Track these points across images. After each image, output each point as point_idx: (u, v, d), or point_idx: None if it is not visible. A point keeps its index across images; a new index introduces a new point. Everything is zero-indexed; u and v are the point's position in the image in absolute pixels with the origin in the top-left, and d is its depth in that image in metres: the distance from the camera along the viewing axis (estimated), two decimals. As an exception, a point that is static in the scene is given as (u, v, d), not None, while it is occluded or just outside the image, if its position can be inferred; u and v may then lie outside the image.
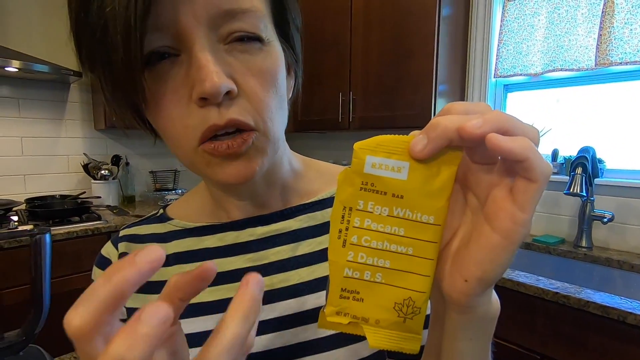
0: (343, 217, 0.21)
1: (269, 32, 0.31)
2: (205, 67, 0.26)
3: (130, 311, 0.39)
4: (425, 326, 0.25)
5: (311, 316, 0.36)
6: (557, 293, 1.03)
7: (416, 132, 0.20)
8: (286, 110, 0.34)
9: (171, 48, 0.28)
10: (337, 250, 0.22)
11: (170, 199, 2.29)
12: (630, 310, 0.92)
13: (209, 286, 0.36)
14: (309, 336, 0.35)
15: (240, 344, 0.17)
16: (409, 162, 0.21)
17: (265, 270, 0.38)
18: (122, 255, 0.42)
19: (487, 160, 0.21)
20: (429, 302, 0.23)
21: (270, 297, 0.37)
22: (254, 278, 0.19)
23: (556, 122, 1.65)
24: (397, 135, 0.21)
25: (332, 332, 0.35)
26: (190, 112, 0.28)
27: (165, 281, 0.22)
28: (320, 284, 0.37)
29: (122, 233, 0.44)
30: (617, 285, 1.31)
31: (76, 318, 0.16)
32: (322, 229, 0.39)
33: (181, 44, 0.27)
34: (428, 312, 0.24)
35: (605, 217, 1.36)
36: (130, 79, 0.27)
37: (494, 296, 0.24)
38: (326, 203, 0.41)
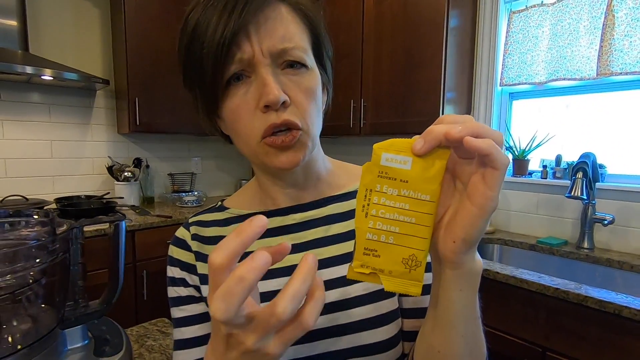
0: (365, 196, 0.29)
1: (310, 60, 0.42)
2: (269, 85, 0.38)
3: (204, 277, 0.49)
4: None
5: (339, 282, 0.45)
6: (557, 289, 1.10)
7: (417, 136, 0.30)
8: (321, 118, 0.45)
9: (245, 71, 0.39)
10: (361, 220, 0.30)
11: (187, 200, 2.39)
12: (625, 305, 0.99)
13: None
14: (339, 297, 0.45)
15: (300, 298, 0.26)
16: (412, 157, 0.29)
17: (304, 246, 0.47)
18: (194, 235, 0.51)
19: (467, 156, 0.29)
20: (428, 259, 0.31)
21: None
22: (311, 255, 0.28)
23: (560, 129, 1.73)
24: (404, 139, 0.30)
25: (358, 293, 0.44)
26: (256, 116, 0.39)
27: None
28: (346, 258, 0.46)
29: (191, 220, 0.54)
30: (618, 285, 1.37)
31: (217, 258, 0.25)
32: (348, 215, 0.49)
33: (252, 69, 0.39)
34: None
35: (606, 220, 1.43)
36: (214, 95, 0.40)
37: (478, 257, 0.32)
38: (351, 195, 0.51)
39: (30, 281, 0.48)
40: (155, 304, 1.97)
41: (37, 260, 0.46)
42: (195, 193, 2.52)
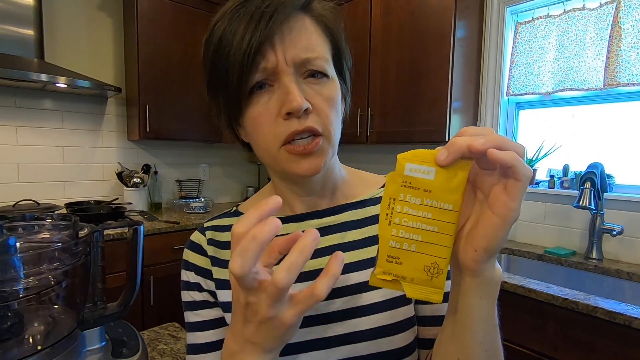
0: (389, 205, 0.30)
1: (331, 70, 0.44)
2: (292, 92, 0.39)
3: (220, 282, 0.50)
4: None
5: (355, 289, 0.46)
6: (566, 299, 1.09)
7: (440, 147, 0.31)
8: (340, 126, 0.46)
9: (268, 80, 0.41)
10: (385, 228, 0.30)
11: (195, 207, 2.41)
12: (635, 316, 0.98)
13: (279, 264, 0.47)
14: (355, 303, 0.45)
15: (296, 269, 0.28)
16: (435, 167, 0.29)
17: (320, 253, 0.48)
18: (209, 240, 0.52)
19: (489, 167, 0.30)
20: (449, 267, 0.32)
21: None
22: (312, 231, 0.30)
23: (567, 139, 1.73)
24: (427, 150, 0.31)
25: (375, 300, 0.45)
26: (278, 124, 0.40)
27: None
28: (361, 264, 0.47)
29: (206, 225, 0.54)
30: (627, 296, 1.36)
31: (238, 228, 0.29)
32: (363, 222, 0.49)
33: (275, 77, 0.40)
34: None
35: (615, 230, 1.42)
36: (238, 103, 0.41)
37: (498, 266, 0.32)
38: (366, 203, 0.51)
39: (52, 283, 0.49)
40: (162, 309, 1.98)
41: (60, 263, 0.47)
42: (203, 199, 2.54)
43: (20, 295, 0.45)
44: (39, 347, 0.49)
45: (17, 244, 0.45)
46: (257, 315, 0.30)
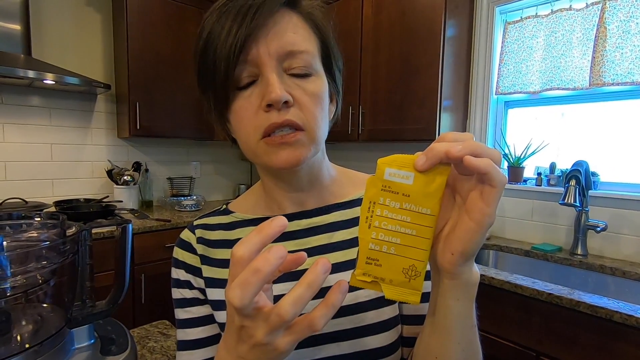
0: (369, 208, 0.31)
1: (318, 66, 0.44)
2: (272, 84, 0.39)
3: (209, 281, 0.50)
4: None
5: None
6: (550, 294, 1.12)
7: (419, 153, 0.31)
8: (327, 125, 0.46)
9: (254, 75, 0.40)
10: (365, 231, 0.31)
11: (186, 205, 2.41)
12: (616, 310, 1.01)
13: None
14: (343, 302, 0.46)
15: (303, 303, 0.27)
16: (414, 172, 0.30)
17: (308, 253, 0.48)
18: (199, 239, 0.53)
19: (467, 173, 0.30)
20: (427, 269, 0.33)
21: None
22: (323, 261, 0.28)
23: (554, 137, 1.76)
24: (407, 155, 0.31)
25: (361, 299, 0.46)
26: (259, 116, 0.40)
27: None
28: (349, 264, 0.48)
29: (196, 223, 0.55)
30: (610, 291, 1.39)
31: (239, 251, 0.27)
32: (351, 222, 0.50)
33: (258, 70, 0.40)
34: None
35: (599, 227, 1.46)
36: (225, 97, 0.41)
37: (475, 268, 0.33)
38: (354, 203, 0.52)
39: (40, 281, 0.49)
40: (153, 307, 1.97)
41: (47, 262, 0.47)
42: (194, 197, 2.53)
43: (8, 294, 0.45)
44: (27, 345, 0.49)
45: (4, 242, 0.45)
46: (252, 338, 0.29)
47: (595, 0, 1.55)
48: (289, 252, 0.48)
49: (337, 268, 0.47)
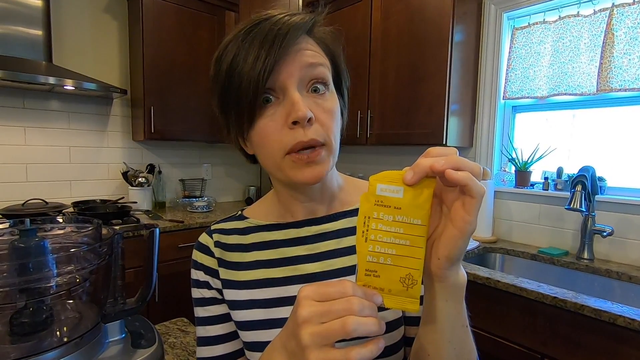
0: (364, 222, 0.33)
1: (331, 83, 0.48)
2: (297, 102, 0.42)
3: (226, 282, 0.54)
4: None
5: None
6: (555, 297, 1.15)
7: (407, 168, 0.34)
8: (339, 137, 0.50)
9: (275, 93, 0.44)
10: (362, 244, 0.33)
11: (198, 206, 2.47)
12: (620, 314, 1.03)
13: (280, 266, 0.51)
14: None
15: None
16: (403, 186, 0.32)
17: (318, 257, 0.52)
18: (216, 243, 0.57)
19: (451, 185, 0.32)
20: (422, 276, 0.35)
21: (320, 277, 0.51)
22: (381, 341, 0.32)
23: (562, 142, 1.78)
24: (396, 171, 0.33)
25: None
26: (284, 133, 0.44)
27: (246, 262, 0.43)
28: (355, 269, 0.52)
29: (213, 227, 0.59)
30: (616, 295, 1.41)
31: (304, 312, 0.32)
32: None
33: (281, 90, 0.44)
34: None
35: (605, 232, 1.47)
36: (250, 118, 0.44)
37: (462, 271, 0.36)
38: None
39: (79, 280, 0.55)
40: (167, 306, 2.03)
41: (87, 263, 0.53)
42: (205, 198, 2.59)
43: (52, 292, 0.50)
44: (66, 339, 0.54)
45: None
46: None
47: (603, 6, 1.57)
48: (300, 255, 0.53)
49: (344, 272, 0.51)
